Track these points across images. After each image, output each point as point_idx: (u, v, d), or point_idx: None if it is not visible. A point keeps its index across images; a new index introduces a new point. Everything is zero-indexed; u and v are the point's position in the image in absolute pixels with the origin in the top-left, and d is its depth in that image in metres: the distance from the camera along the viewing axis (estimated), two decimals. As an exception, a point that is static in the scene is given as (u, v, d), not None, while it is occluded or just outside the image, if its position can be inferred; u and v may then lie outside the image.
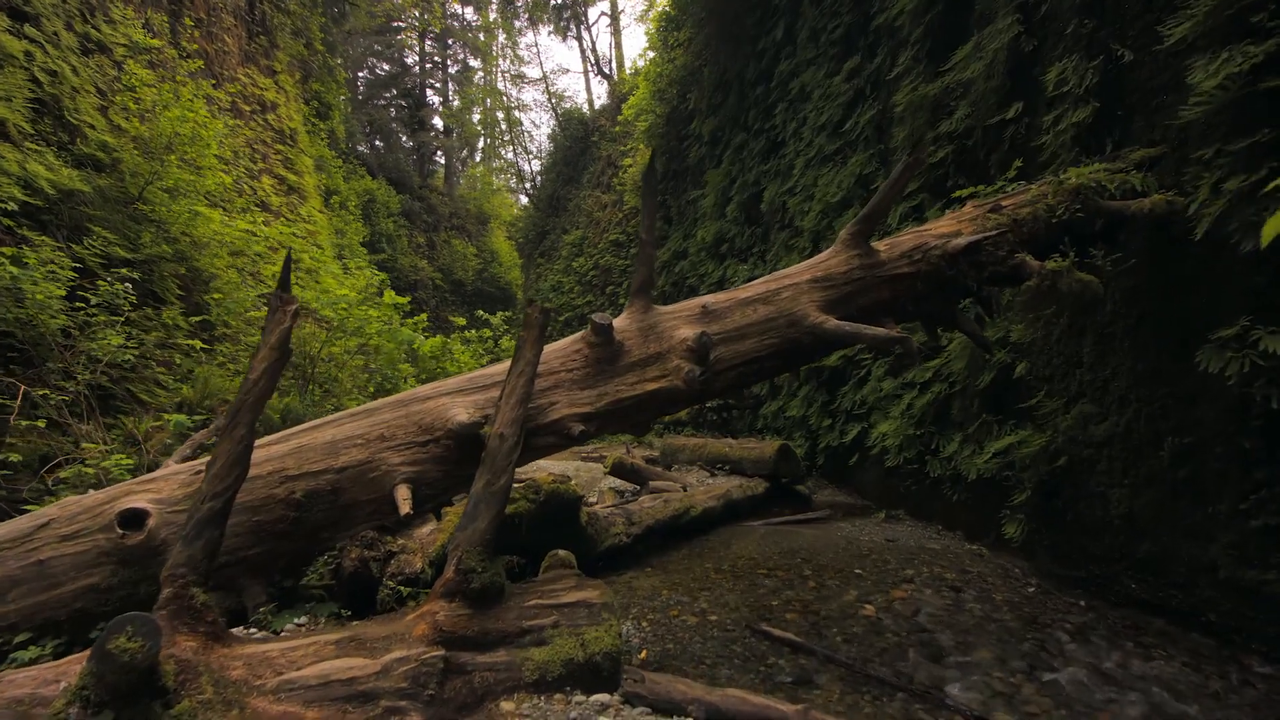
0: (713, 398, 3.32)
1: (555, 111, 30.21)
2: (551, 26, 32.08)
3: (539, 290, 23.85)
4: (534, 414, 2.75)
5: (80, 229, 5.98)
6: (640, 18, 31.19)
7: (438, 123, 35.19)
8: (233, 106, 11.93)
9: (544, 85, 43.70)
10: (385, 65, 32.93)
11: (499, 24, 35.89)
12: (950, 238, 3.26)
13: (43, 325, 4.92)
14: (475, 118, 36.12)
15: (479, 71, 36.77)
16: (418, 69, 33.83)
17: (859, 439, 6.74)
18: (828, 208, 7.85)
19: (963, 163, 5.32)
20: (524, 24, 35.49)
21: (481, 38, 35.77)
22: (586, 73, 35.01)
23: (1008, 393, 4.59)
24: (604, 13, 31.79)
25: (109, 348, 5.18)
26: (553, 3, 30.45)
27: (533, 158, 35.73)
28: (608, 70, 30.06)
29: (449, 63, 35.08)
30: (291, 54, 15.67)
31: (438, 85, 34.86)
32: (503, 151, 38.24)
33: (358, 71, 31.38)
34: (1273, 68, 2.76)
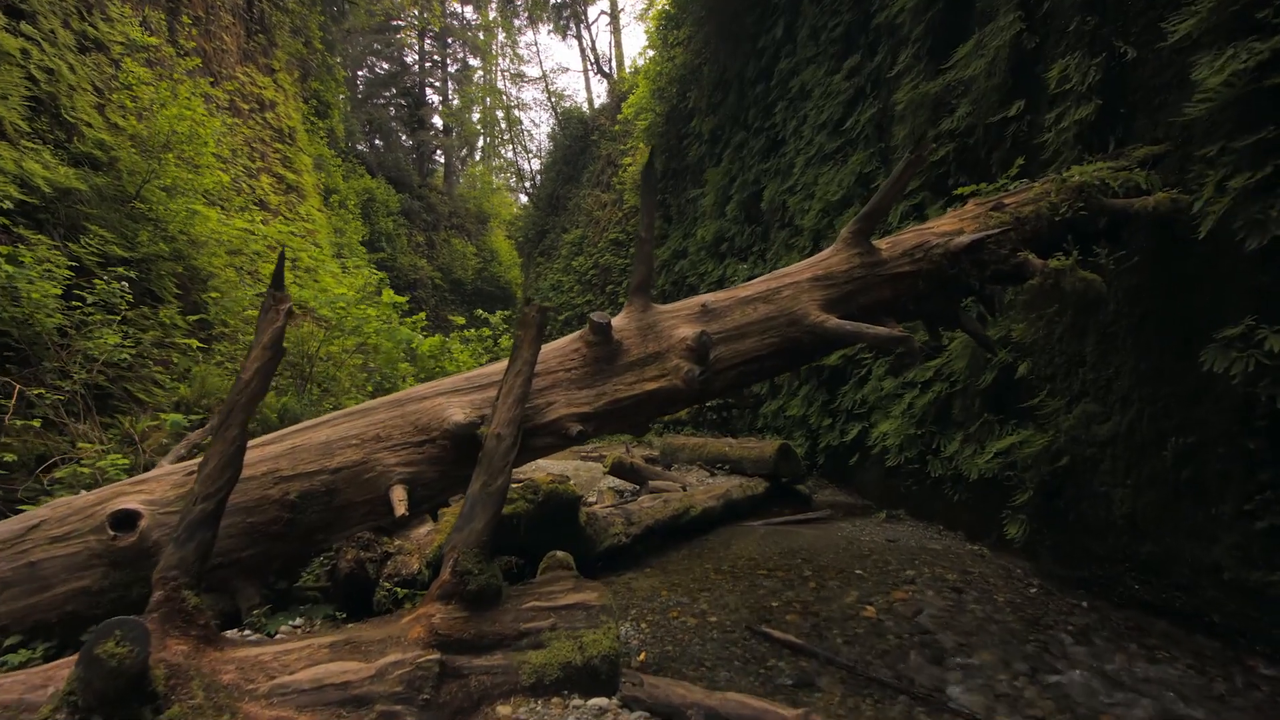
0: (712, 397, 3.29)
1: (555, 110, 30.20)
2: (551, 25, 32.08)
3: (538, 289, 23.82)
4: (531, 414, 2.72)
5: (77, 227, 5.94)
6: (640, 16, 31.11)
7: (437, 121, 35.17)
8: (231, 105, 11.90)
9: (544, 84, 43.70)
10: (384, 64, 32.90)
11: (498, 23, 35.87)
12: (952, 236, 3.23)
13: (39, 324, 4.90)
14: (475, 117, 36.10)
15: (478, 70, 36.76)
16: (417, 68, 33.79)
17: (859, 438, 6.71)
18: (828, 206, 7.82)
19: (964, 161, 5.29)
20: (523, 23, 35.50)
21: (481, 36, 35.73)
22: (586, 71, 35.05)
23: (1009, 392, 4.56)
24: (604, 11, 31.87)
25: (105, 347, 5.16)
26: (552, 1, 30.43)
27: (532, 157, 35.74)
28: (607, 69, 30.04)
29: (448, 61, 35.05)
30: (290, 52, 15.63)
31: (437, 84, 34.84)
32: (502, 150, 38.25)
33: (357, 70, 31.35)
34: (1278, 64, 2.73)
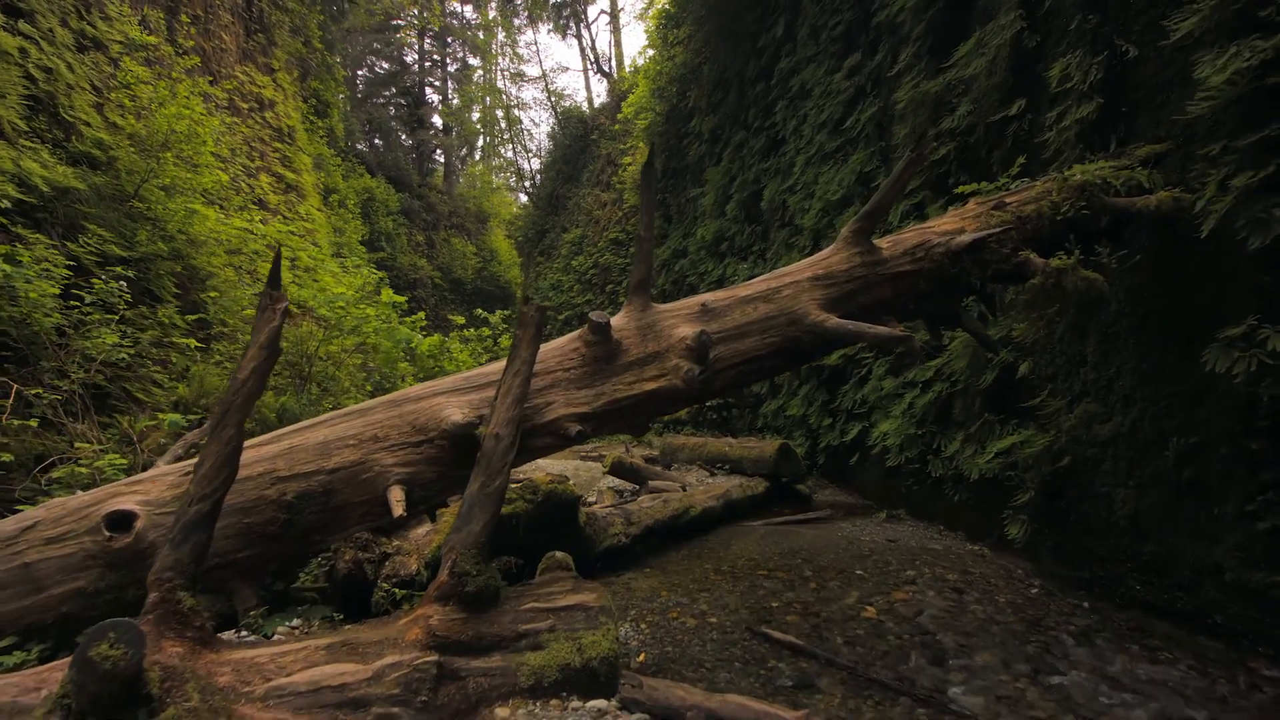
0: (712, 397, 3.28)
1: (555, 110, 30.19)
2: (551, 24, 32.08)
3: (538, 289, 23.80)
4: (530, 414, 2.71)
5: (75, 227, 5.93)
6: (640, 15, 31.09)
7: (437, 121, 35.14)
8: (230, 104, 11.87)
9: (543, 83, 43.62)
10: (384, 63, 32.87)
11: (498, 22, 35.85)
12: (953, 235, 3.21)
13: (37, 323, 4.88)
14: (475, 116, 36.08)
15: (478, 70, 36.73)
16: (417, 67, 33.75)
17: (860, 438, 6.70)
18: (828, 206, 7.80)
19: (965, 160, 5.27)
20: (523, 22, 35.48)
21: (481, 36, 35.71)
22: (586, 71, 35.04)
23: (1010, 392, 4.54)
24: (603, 10, 31.82)
25: (104, 346, 5.14)
26: (551, 1, 30.39)
27: (532, 156, 35.74)
28: (607, 68, 30.03)
29: (448, 61, 35.02)
30: (290, 51, 15.60)
31: (437, 83, 34.80)
32: (502, 150, 38.24)
33: (356, 70, 31.32)
34: (1282, 63, 2.72)
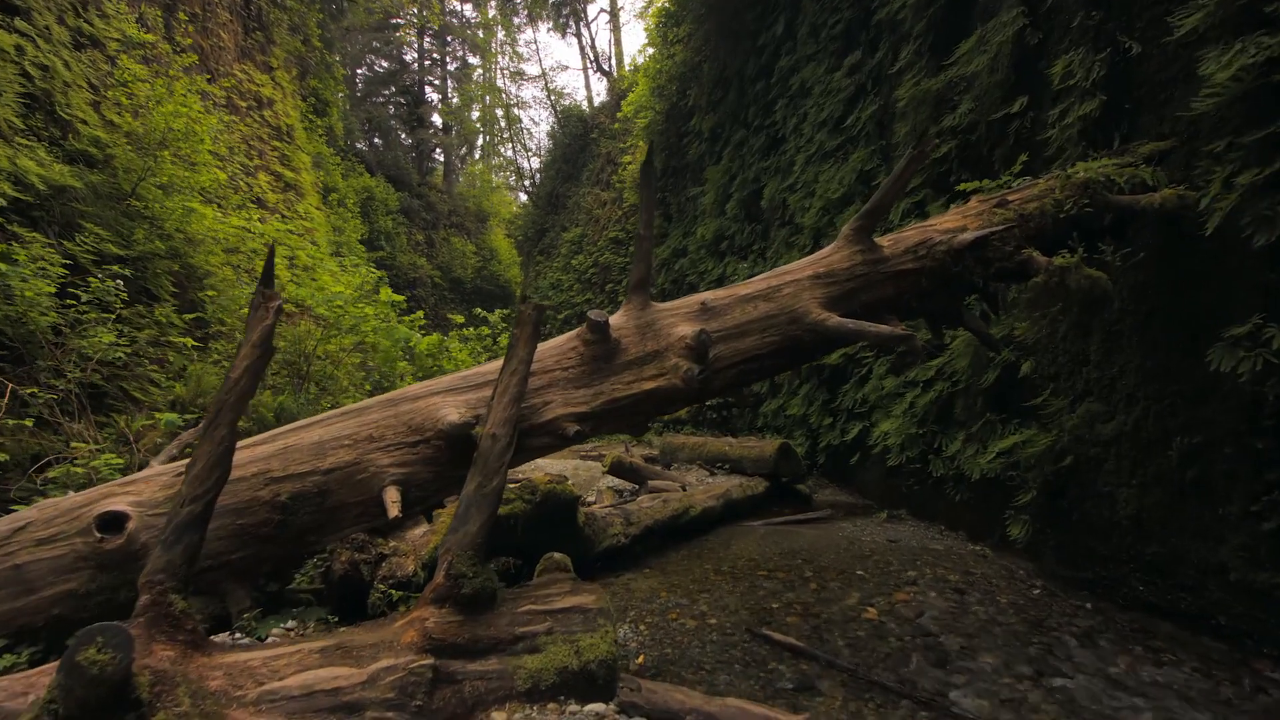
0: (712, 397, 3.25)
1: (554, 109, 30.16)
2: (550, 23, 32.06)
3: (538, 288, 23.78)
4: (528, 414, 2.68)
5: (72, 225, 5.89)
6: (640, 14, 31.07)
7: (437, 120, 35.09)
8: (228, 102, 11.84)
9: (543, 82, 43.48)
10: (384, 62, 32.82)
11: (498, 21, 35.81)
12: (956, 233, 3.18)
13: (32, 322, 4.85)
14: (474, 115, 36.06)
15: (478, 69, 36.69)
16: (416, 66, 33.70)
17: (860, 438, 6.67)
18: (829, 204, 7.77)
19: (966, 158, 5.24)
20: (523, 21, 35.47)
21: (480, 34, 35.65)
22: (586, 69, 35.01)
23: (1012, 391, 4.51)
24: (603, 9, 31.69)
25: (100, 345, 5.11)
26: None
27: (532, 155, 35.73)
28: (607, 67, 29.99)
29: (448, 60, 34.96)
30: (288, 50, 15.56)
31: (436, 82, 34.76)
32: (502, 149, 38.23)
33: (356, 68, 31.26)
34: (1288, 59, 2.69)
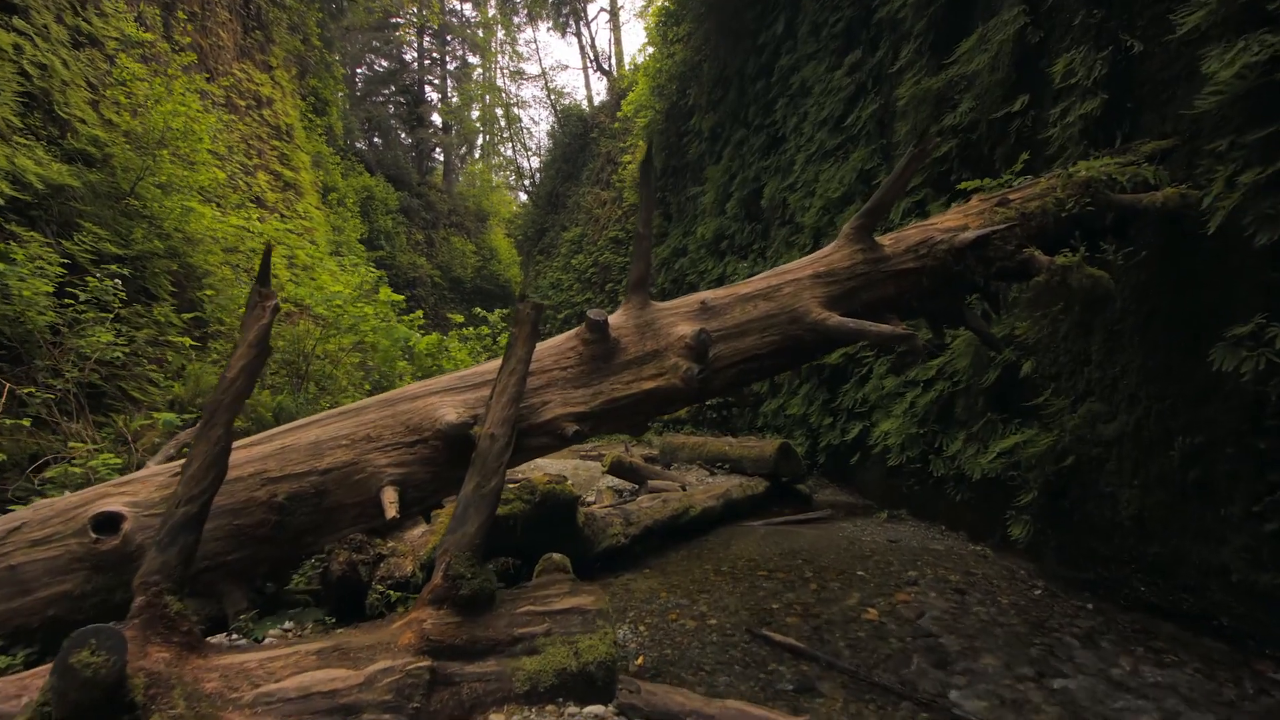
0: (712, 396, 3.23)
1: (554, 108, 30.15)
2: (550, 22, 32.04)
3: (538, 287, 23.77)
4: (526, 414, 2.66)
5: (70, 224, 5.88)
6: (640, 13, 31.09)
7: (436, 119, 35.05)
8: (227, 101, 11.82)
9: (543, 81, 43.53)
10: (383, 61, 32.78)
11: (498, 20, 35.78)
12: (957, 232, 3.17)
13: (30, 322, 4.84)
14: (474, 114, 36.03)
15: (478, 68, 36.65)
16: (416, 65, 33.66)
17: (861, 437, 6.65)
18: (829, 204, 7.75)
19: (967, 157, 5.22)
20: (523, 20, 35.43)
21: (480, 34, 35.62)
22: (586, 69, 35.00)
23: (1013, 391, 4.50)
24: (603, 8, 31.67)
25: (98, 345, 5.10)
26: (551, -2, 30.35)
27: (532, 154, 35.73)
28: (607, 66, 29.97)
29: (447, 59, 34.92)
30: (288, 49, 15.54)
31: (436, 82, 34.72)
32: (502, 148, 38.22)
33: (356, 68, 31.23)
34: (1292, 56, 2.67)
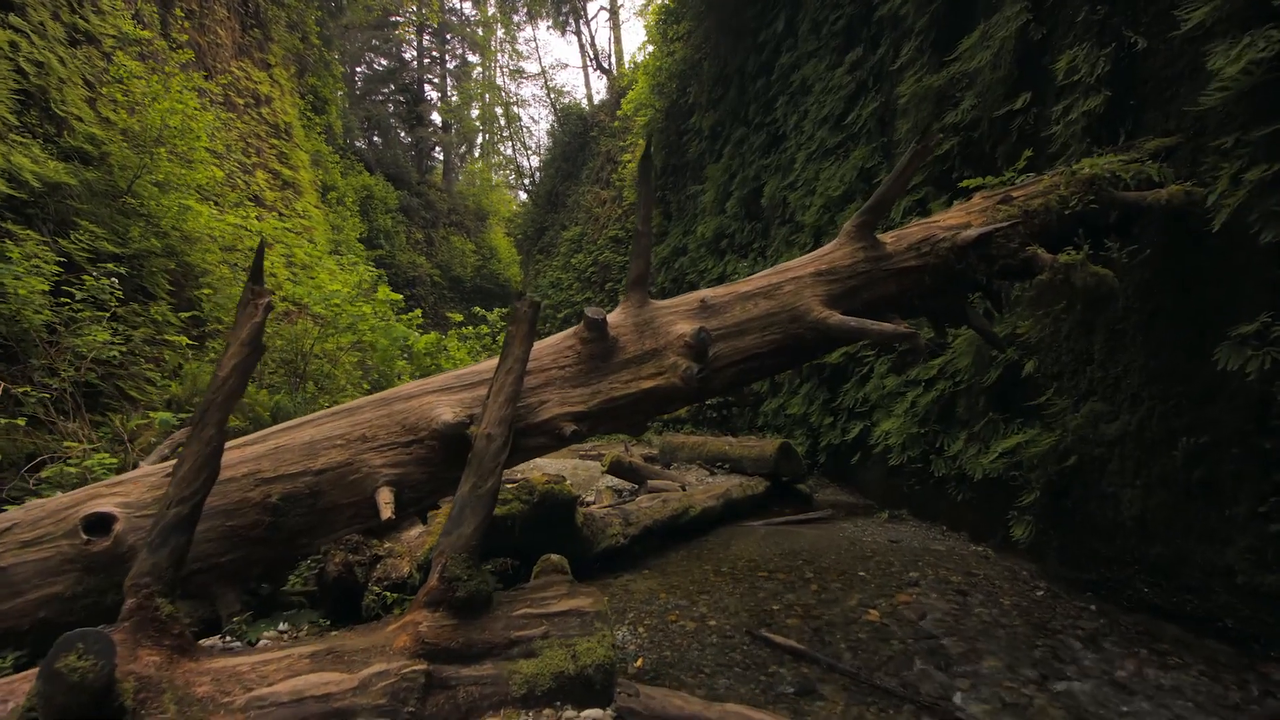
0: (711, 396, 3.20)
1: (554, 107, 30.11)
2: (550, 21, 31.97)
3: (538, 287, 23.75)
4: (524, 413, 2.63)
5: (67, 223, 5.85)
6: (639, 11, 31.02)
7: (436, 118, 35.00)
8: (225, 100, 11.78)
9: (543, 80, 43.59)
10: (383, 60, 32.73)
11: (497, 19, 35.72)
12: (959, 230, 3.14)
13: (26, 320, 4.81)
14: (474, 113, 35.98)
15: (477, 67, 36.60)
16: (415, 64, 33.61)
17: (861, 437, 6.62)
18: (829, 202, 7.72)
19: (969, 155, 5.19)
20: (522, 18, 35.38)
21: (480, 32, 35.56)
22: (585, 67, 34.92)
23: (1015, 390, 4.47)
24: (603, 7, 31.62)
25: (95, 344, 5.07)
26: (551, -3, 30.29)
27: (531, 153, 35.69)
28: (607, 65, 29.93)
29: (447, 58, 34.87)
30: (286, 48, 15.50)
31: (436, 80, 34.67)
32: (501, 147, 38.18)
33: (355, 66, 31.18)
34: (1298, 52, 2.64)
